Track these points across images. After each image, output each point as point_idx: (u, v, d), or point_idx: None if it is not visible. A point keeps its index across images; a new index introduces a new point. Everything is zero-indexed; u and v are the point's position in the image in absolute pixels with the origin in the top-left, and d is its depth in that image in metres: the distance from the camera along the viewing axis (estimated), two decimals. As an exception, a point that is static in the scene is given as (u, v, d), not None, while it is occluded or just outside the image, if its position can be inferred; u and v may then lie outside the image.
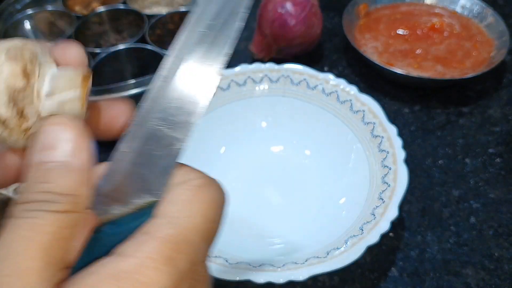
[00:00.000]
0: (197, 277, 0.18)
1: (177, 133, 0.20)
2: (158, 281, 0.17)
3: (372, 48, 0.62)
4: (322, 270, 0.37)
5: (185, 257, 0.18)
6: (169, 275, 0.17)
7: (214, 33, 0.20)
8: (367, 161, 0.46)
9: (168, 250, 0.17)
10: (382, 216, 0.40)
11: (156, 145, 0.19)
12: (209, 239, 0.19)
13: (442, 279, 0.43)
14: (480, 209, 0.48)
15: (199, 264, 0.19)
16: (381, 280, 0.43)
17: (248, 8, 0.21)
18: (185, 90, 0.20)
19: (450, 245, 0.46)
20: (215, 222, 0.19)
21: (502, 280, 0.43)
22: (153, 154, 0.19)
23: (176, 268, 0.17)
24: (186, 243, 0.18)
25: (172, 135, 0.20)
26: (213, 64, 0.20)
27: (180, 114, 0.20)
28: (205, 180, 0.20)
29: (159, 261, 0.17)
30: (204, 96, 0.20)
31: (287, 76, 0.51)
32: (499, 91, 0.60)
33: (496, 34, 0.62)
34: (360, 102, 0.48)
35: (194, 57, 0.20)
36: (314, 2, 0.59)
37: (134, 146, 0.19)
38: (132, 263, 0.17)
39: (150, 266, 0.17)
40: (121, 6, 0.63)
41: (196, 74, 0.20)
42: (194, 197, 0.19)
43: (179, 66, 0.20)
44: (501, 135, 0.55)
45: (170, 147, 0.20)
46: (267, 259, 0.39)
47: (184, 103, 0.20)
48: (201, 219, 0.18)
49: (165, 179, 0.19)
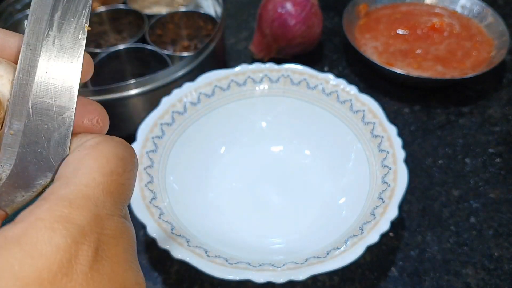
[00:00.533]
0: (107, 232, 0.18)
1: (61, 101, 0.19)
2: (50, 240, 0.16)
3: (372, 48, 0.62)
4: (322, 270, 0.37)
5: (84, 212, 0.17)
6: (64, 231, 0.16)
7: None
8: (367, 161, 0.46)
9: (61, 208, 0.17)
10: (382, 216, 0.40)
11: (43, 119, 0.19)
12: (115, 192, 0.18)
13: (442, 279, 0.43)
14: (480, 209, 0.48)
15: (107, 218, 0.18)
16: (381, 280, 0.43)
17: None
18: (54, 56, 0.19)
19: (450, 245, 0.46)
20: (118, 174, 0.19)
21: (502, 280, 0.43)
22: (43, 129, 0.19)
23: (72, 224, 0.16)
24: (83, 198, 0.17)
25: (57, 104, 0.19)
26: (76, 20, 0.19)
27: (58, 82, 0.19)
28: (101, 138, 0.19)
29: (50, 220, 0.16)
30: (75, 58, 0.19)
31: (287, 76, 0.51)
32: (499, 91, 0.60)
33: (496, 34, 0.62)
34: (360, 102, 0.48)
35: (55, 17, 0.19)
36: (314, 2, 0.59)
37: (20, 126, 0.19)
38: (19, 227, 0.16)
39: (39, 226, 0.16)
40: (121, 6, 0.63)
41: (62, 36, 0.19)
42: (88, 155, 0.18)
43: (43, 33, 0.19)
44: (501, 135, 0.55)
45: (59, 117, 0.19)
46: (267, 259, 0.39)
47: (59, 70, 0.19)
48: (98, 173, 0.18)
49: (63, 151, 0.19)
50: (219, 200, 0.47)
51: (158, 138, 0.46)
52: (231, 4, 0.73)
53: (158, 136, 0.46)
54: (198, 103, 0.49)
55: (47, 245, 0.16)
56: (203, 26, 0.63)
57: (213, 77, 0.50)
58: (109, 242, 0.18)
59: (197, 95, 0.49)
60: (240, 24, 0.70)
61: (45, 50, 0.19)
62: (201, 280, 0.44)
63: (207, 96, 0.50)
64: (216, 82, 0.50)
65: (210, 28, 0.62)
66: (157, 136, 0.46)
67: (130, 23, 0.64)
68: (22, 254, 0.15)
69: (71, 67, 0.19)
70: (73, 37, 0.19)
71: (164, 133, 0.47)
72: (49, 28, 0.19)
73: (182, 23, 0.63)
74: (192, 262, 0.37)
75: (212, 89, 0.50)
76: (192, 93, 0.49)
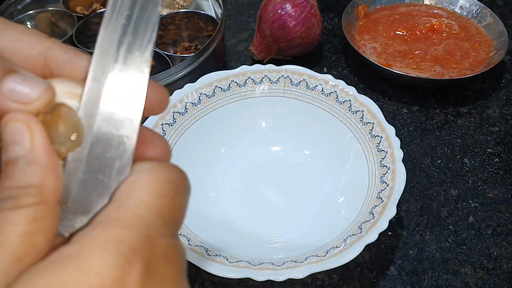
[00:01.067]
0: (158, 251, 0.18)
1: (123, 131, 0.20)
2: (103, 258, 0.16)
3: (371, 49, 0.62)
4: (321, 268, 0.37)
5: (135, 232, 0.17)
6: (116, 250, 0.17)
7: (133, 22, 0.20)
8: (366, 161, 0.46)
9: (113, 229, 0.17)
10: (381, 215, 0.40)
11: (106, 148, 0.19)
12: (166, 214, 0.19)
13: (441, 278, 0.44)
14: (478, 209, 0.49)
15: (158, 238, 0.18)
16: (380, 278, 0.44)
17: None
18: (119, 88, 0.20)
19: (449, 244, 0.46)
20: (170, 197, 0.19)
21: (501, 279, 0.43)
22: (105, 158, 0.19)
23: (124, 244, 0.17)
24: (134, 219, 0.18)
25: (119, 134, 0.20)
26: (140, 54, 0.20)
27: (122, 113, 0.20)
28: (155, 163, 0.20)
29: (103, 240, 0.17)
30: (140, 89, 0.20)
31: (287, 76, 0.51)
32: (498, 91, 0.61)
33: (495, 35, 0.62)
34: (359, 102, 0.48)
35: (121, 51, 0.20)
36: (314, 3, 0.60)
37: (83, 154, 0.19)
38: (74, 247, 0.17)
39: (93, 246, 0.17)
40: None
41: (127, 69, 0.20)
42: (141, 179, 0.19)
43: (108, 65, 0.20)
44: (499, 135, 0.56)
45: (121, 146, 0.20)
46: (267, 258, 0.40)
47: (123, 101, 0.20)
48: (150, 195, 0.18)
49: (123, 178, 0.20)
50: (220, 200, 0.48)
51: (158, 138, 0.46)
52: (231, 5, 0.74)
53: (159, 136, 0.47)
54: (198, 103, 0.50)
55: (100, 263, 0.16)
56: (203, 27, 0.63)
57: (214, 77, 0.50)
58: (160, 261, 0.18)
59: (197, 96, 0.50)
60: (240, 25, 0.71)
61: (110, 82, 0.20)
62: (201, 278, 0.44)
63: (207, 96, 0.50)
64: (216, 83, 0.50)
65: (211, 29, 0.62)
66: (158, 136, 0.47)
67: (131, 24, 0.64)
68: (77, 271, 0.16)
69: (134, 99, 0.20)
70: (137, 70, 0.20)
71: (165, 133, 0.47)
72: (115, 62, 0.20)
73: (182, 24, 0.63)
74: (192, 260, 0.37)
75: (212, 89, 0.50)
76: (193, 94, 0.50)
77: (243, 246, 0.43)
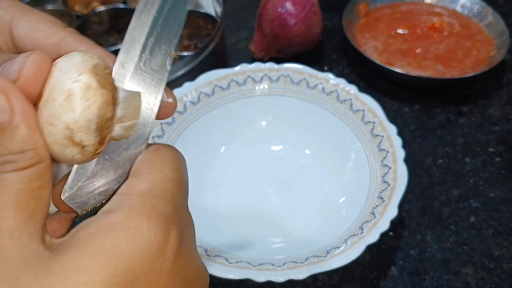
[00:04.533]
0: (183, 220, 0.20)
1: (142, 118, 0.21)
2: (148, 225, 0.18)
3: (372, 48, 0.62)
4: (322, 269, 0.37)
5: (167, 203, 0.19)
6: (157, 218, 0.18)
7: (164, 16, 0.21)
8: (367, 160, 0.46)
9: (149, 200, 0.19)
10: (382, 215, 0.40)
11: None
12: (182, 186, 0.21)
13: (442, 278, 0.43)
14: (480, 208, 0.48)
15: (181, 208, 0.20)
16: (381, 279, 0.44)
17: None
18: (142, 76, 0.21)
19: (450, 244, 0.46)
20: (181, 171, 0.21)
21: (502, 279, 0.43)
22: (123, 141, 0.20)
23: (162, 213, 0.19)
24: (163, 191, 0.19)
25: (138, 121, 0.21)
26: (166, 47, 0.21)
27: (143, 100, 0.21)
28: (159, 145, 0.22)
29: (144, 209, 0.18)
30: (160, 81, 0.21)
31: (287, 75, 0.51)
32: (499, 91, 0.60)
33: (496, 34, 0.62)
34: (360, 101, 0.48)
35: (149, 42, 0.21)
36: (314, 2, 0.59)
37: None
38: (120, 215, 0.18)
39: (137, 214, 0.18)
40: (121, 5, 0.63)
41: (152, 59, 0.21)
42: (155, 156, 0.21)
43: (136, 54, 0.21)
44: (501, 134, 0.55)
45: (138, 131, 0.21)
46: (267, 258, 0.39)
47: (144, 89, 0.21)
48: (168, 169, 0.20)
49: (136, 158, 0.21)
50: (219, 200, 0.47)
51: (158, 138, 0.46)
52: (231, 3, 0.73)
53: (158, 135, 0.46)
54: (198, 102, 0.49)
55: (147, 230, 0.18)
56: (203, 26, 0.63)
57: (213, 76, 0.50)
58: (184, 230, 0.20)
59: (197, 95, 0.49)
60: (240, 24, 0.70)
61: (135, 69, 0.21)
62: (201, 279, 0.44)
63: (207, 95, 0.50)
64: (216, 82, 0.50)
65: (210, 27, 0.62)
66: (157, 136, 0.46)
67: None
68: (127, 236, 0.18)
69: (155, 88, 0.21)
70: (161, 62, 0.21)
71: (164, 132, 0.47)
72: (143, 51, 0.20)
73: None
74: (192, 261, 0.37)
75: (212, 88, 0.50)
76: (192, 93, 0.49)
77: (243, 246, 0.43)
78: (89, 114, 0.17)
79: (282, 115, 0.52)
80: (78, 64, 0.18)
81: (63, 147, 0.18)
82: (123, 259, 0.17)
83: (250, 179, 0.49)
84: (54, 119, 0.17)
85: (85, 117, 0.17)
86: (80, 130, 0.18)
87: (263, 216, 0.47)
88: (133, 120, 0.20)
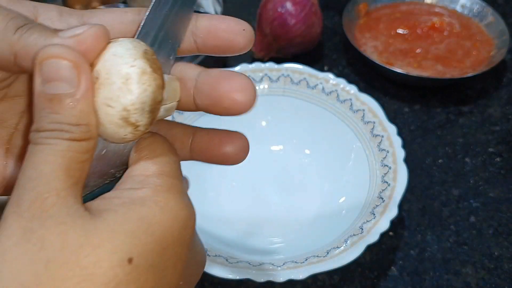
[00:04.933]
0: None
1: None
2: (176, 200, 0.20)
3: (372, 48, 0.62)
4: (322, 269, 0.37)
5: (180, 181, 0.21)
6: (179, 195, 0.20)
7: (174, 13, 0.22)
8: (367, 160, 0.46)
9: (168, 179, 0.20)
10: (382, 215, 0.40)
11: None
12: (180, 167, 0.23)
13: (442, 278, 0.43)
14: (480, 208, 0.48)
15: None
16: (381, 279, 0.44)
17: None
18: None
19: (450, 244, 0.46)
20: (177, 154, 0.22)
21: (502, 280, 0.43)
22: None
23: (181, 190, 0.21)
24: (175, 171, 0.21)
25: None
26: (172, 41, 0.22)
27: None
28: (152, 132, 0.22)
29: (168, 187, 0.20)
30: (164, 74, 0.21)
31: (287, 75, 0.51)
32: (499, 90, 0.60)
33: (496, 33, 0.62)
34: (360, 101, 0.48)
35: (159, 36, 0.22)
36: (314, 1, 0.59)
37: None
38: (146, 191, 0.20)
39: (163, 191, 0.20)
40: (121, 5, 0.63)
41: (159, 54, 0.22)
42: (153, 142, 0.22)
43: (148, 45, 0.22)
44: (501, 134, 0.55)
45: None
46: (267, 258, 0.39)
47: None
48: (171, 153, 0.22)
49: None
50: (219, 199, 0.47)
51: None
52: (231, 3, 0.73)
53: (158, 135, 0.46)
54: (198, 102, 0.49)
55: (174, 204, 0.20)
56: None
57: (213, 76, 0.50)
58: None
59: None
60: (240, 24, 0.70)
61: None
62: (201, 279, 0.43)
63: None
64: (216, 82, 0.50)
65: (210, 27, 0.62)
66: (157, 136, 0.46)
67: (130, 23, 0.64)
68: (158, 208, 0.19)
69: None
70: (167, 55, 0.22)
71: (164, 132, 0.47)
72: (153, 43, 0.21)
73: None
74: (192, 261, 0.37)
75: (212, 88, 0.50)
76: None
77: (243, 246, 0.43)
78: (144, 97, 0.19)
79: (282, 115, 0.52)
80: (131, 50, 0.19)
81: (118, 127, 0.19)
82: (158, 227, 0.19)
83: (250, 179, 0.49)
84: (112, 101, 0.19)
85: (141, 100, 0.19)
86: (136, 112, 0.19)
87: (263, 216, 0.47)
88: (173, 102, 0.21)
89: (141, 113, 0.19)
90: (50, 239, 0.17)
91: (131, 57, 0.19)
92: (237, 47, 0.22)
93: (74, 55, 0.18)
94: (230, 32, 0.22)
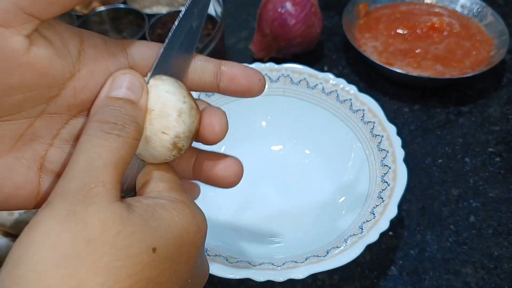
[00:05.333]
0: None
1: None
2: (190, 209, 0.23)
3: (371, 48, 0.62)
4: (321, 268, 0.37)
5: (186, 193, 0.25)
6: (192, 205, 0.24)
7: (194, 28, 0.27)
8: (367, 160, 0.46)
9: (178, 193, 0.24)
10: (382, 215, 0.40)
11: None
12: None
13: (442, 278, 0.43)
14: (479, 208, 0.49)
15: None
16: (381, 279, 0.44)
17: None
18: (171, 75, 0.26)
19: (450, 244, 0.46)
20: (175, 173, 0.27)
21: (502, 279, 0.43)
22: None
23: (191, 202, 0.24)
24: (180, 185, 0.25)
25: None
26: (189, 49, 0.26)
27: None
28: None
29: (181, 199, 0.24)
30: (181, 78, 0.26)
31: (287, 75, 0.51)
32: (499, 90, 0.60)
33: (496, 33, 0.62)
34: (360, 101, 0.48)
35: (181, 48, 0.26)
36: (314, 2, 0.59)
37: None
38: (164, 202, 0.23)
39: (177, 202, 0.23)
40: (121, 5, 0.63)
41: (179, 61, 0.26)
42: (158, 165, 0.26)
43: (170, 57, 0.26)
44: (500, 134, 0.55)
45: None
46: (267, 258, 0.39)
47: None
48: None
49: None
50: (219, 199, 0.47)
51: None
52: (231, 3, 0.73)
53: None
54: (198, 102, 0.49)
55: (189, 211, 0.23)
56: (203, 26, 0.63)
57: (213, 76, 0.50)
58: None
59: (197, 94, 0.49)
60: (240, 24, 0.70)
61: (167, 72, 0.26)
62: (201, 279, 0.44)
63: (207, 95, 0.50)
64: (216, 82, 0.50)
65: (210, 27, 0.62)
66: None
67: (131, 23, 0.64)
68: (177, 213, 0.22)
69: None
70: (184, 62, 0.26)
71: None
72: (175, 53, 0.26)
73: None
74: (192, 261, 0.37)
75: (212, 88, 0.50)
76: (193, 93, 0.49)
77: (242, 246, 0.43)
78: (191, 127, 0.24)
79: (282, 115, 0.52)
80: (179, 88, 0.24)
81: (168, 150, 0.24)
82: (176, 227, 0.22)
83: (250, 179, 0.49)
84: (168, 130, 0.23)
85: (189, 129, 0.24)
86: (184, 138, 0.24)
87: (263, 215, 0.47)
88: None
89: (187, 140, 0.24)
90: (93, 222, 0.19)
91: (181, 94, 0.24)
92: (253, 93, 0.28)
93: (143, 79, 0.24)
94: (249, 81, 0.27)
